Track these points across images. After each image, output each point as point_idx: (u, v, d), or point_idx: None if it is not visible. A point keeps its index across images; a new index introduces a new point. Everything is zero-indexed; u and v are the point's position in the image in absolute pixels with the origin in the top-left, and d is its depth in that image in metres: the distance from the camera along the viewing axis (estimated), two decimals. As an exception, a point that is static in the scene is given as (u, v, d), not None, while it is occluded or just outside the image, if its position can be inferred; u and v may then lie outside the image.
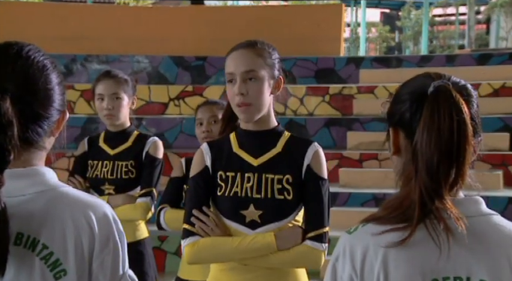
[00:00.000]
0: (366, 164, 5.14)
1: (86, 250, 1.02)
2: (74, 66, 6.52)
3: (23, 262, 0.99)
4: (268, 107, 1.69)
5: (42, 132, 1.04)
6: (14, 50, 1.03)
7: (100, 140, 2.56)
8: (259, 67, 1.68)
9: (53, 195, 1.03)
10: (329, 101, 6.01)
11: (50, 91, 1.04)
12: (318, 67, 6.56)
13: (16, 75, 1.01)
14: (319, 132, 5.66)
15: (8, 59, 1.02)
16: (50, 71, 1.05)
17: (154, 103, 6.11)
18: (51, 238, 1.00)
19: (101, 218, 1.04)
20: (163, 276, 4.10)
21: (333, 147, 5.54)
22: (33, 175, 1.03)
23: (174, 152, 5.18)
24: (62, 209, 1.02)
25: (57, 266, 1.00)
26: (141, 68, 6.65)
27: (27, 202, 1.00)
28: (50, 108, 1.04)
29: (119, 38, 6.69)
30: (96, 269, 1.03)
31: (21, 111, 0.99)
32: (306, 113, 5.99)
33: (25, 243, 0.99)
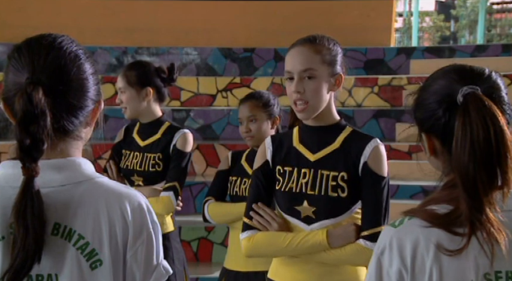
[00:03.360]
0: (415, 156, 5.04)
1: (120, 240, 1.03)
2: (125, 59, 6.64)
3: (60, 251, 1.00)
4: (327, 103, 1.68)
5: (77, 123, 1.05)
6: (47, 41, 1.04)
7: (134, 131, 2.56)
8: (316, 65, 1.65)
9: (89, 185, 1.04)
10: (378, 92, 5.91)
11: (83, 81, 1.04)
12: (367, 58, 6.45)
13: (48, 65, 1.02)
14: (367, 124, 5.58)
15: (41, 50, 1.03)
16: (83, 61, 1.05)
17: (202, 95, 6.15)
18: (87, 228, 1.01)
19: (135, 209, 1.04)
20: (210, 266, 4.14)
21: (381, 139, 5.41)
22: (69, 166, 1.04)
23: (221, 144, 5.21)
24: (97, 199, 1.03)
25: (93, 256, 1.01)
26: (190, 60, 6.71)
27: (64, 192, 1.02)
28: (84, 98, 1.04)
29: (168, 30, 6.77)
30: (130, 259, 1.03)
31: (54, 102, 1.00)
32: (354, 105, 5.91)
33: (62, 233, 1.01)
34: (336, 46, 1.72)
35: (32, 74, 1.00)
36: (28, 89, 0.98)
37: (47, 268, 1.00)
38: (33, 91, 0.98)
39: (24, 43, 1.04)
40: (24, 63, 1.02)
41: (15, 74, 1.02)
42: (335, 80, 1.68)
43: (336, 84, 1.69)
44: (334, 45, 1.72)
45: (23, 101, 0.98)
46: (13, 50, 1.04)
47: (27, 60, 1.02)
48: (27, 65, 1.01)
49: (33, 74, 1.00)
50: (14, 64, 1.03)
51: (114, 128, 4.71)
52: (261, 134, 2.39)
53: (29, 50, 1.03)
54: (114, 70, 6.42)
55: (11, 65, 1.03)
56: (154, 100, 2.51)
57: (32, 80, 1.00)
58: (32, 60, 1.01)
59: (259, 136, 2.38)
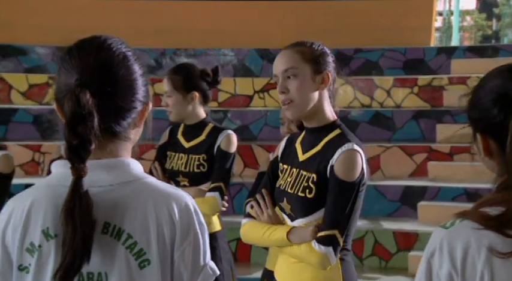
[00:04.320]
0: (457, 157, 4.93)
1: (167, 240, 1.03)
2: (164, 60, 6.71)
3: (110, 250, 1.02)
4: (316, 103, 1.67)
5: (126, 124, 1.06)
6: (97, 43, 1.05)
7: (179, 132, 2.58)
8: (297, 63, 1.67)
9: (138, 186, 1.05)
10: (418, 93, 5.81)
11: (131, 82, 1.05)
12: (407, 58, 6.35)
13: (97, 67, 1.03)
14: (407, 124, 5.49)
15: (90, 52, 1.04)
16: (132, 62, 1.06)
17: (239, 96, 6.17)
18: (135, 228, 1.02)
19: (182, 209, 1.05)
20: (249, 267, 4.14)
21: (422, 140, 5.36)
22: (118, 166, 1.05)
23: (259, 145, 5.21)
24: (145, 199, 1.04)
25: (141, 256, 1.02)
26: (227, 61, 6.74)
27: (113, 192, 1.03)
28: (132, 99, 1.05)
29: (206, 31, 6.81)
30: (178, 259, 1.04)
31: (102, 103, 1.01)
32: (393, 105, 5.83)
33: (111, 232, 1.02)
34: (321, 46, 1.72)
35: (80, 76, 1.02)
36: (76, 91, 1.00)
37: (98, 266, 1.01)
38: (81, 93, 0.99)
39: (75, 45, 1.06)
40: (74, 64, 1.03)
41: (66, 75, 1.04)
42: (321, 78, 1.68)
43: (323, 82, 1.68)
44: (320, 46, 1.72)
45: (71, 102, 0.99)
46: (65, 51, 1.07)
47: (77, 62, 1.03)
48: (77, 66, 1.03)
49: (82, 76, 1.02)
50: (65, 66, 1.04)
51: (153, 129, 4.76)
52: None
53: (79, 51, 1.05)
54: (153, 72, 6.50)
55: (62, 66, 1.05)
56: (199, 103, 2.53)
57: (80, 81, 1.01)
58: (81, 61, 1.03)
59: None
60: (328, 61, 1.71)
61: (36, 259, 1.02)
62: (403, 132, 5.45)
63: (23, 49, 6.23)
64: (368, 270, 4.21)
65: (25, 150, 5.00)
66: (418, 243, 4.16)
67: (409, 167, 5.03)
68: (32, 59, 6.25)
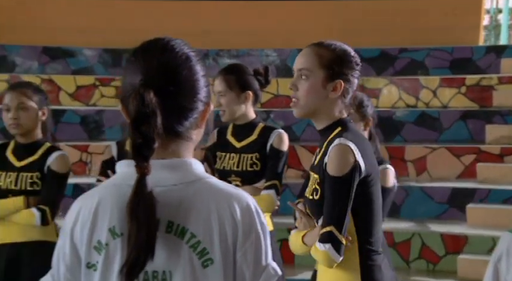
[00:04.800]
0: (507, 159, 4.79)
1: (230, 240, 1.04)
2: (207, 61, 6.76)
3: (174, 249, 1.03)
4: (323, 107, 1.68)
5: (188, 124, 1.07)
6: (160, 44, 1.07)
7: (228, 133, 2.60)
8: (312, 66, 1.67)
9: (200, 185, 1.06)
10: (465, 93, 5.67)
11: (194, 83, 1.06)
12: (454, 57, 6.21)
13: (161, 67, 1.05)
14: (454, 125, 5.37)
15: (154, 52, 1.06)
16: (194, 63, 1.08)
17: (282, 96, 6.15)
18: (198, 228, 1.03)
19: (244, 209, 1.05)
20: (293, 268, 4.12)
21: (470, 141, 5.23)
22: (181, 166, 1.06)
23: (302, 145, 5.19)
24: (208, 199, 1.04)
25: (204, 255, 1.03)
26: (270, 61, 6.73)
27: (176, 192, 1.04)
28: (194, 99, 1.06)
29: (248, 32, 6.82)
30: (240, 259, 1.04)
31: (165, 103, 1.03)
32: (439, 106, 5.71)
33: (175, 231, 1.03)
34: (343, 52, 1.70)
35: (144, 76, 1.04)
36: (140, 90, 1.02)
37: (162, 264, 1.02)
38: (145, 92, 1.01)
39: (140, 47, 1.09)
40: (139, 65, 1.05)
41: (131, 76, 1.06)
42: (333, 86, 1.67)
43: (334, 90, 1.67)
44: (342, 51, 1.70)
45: (136, 101, 1.01)
46: (130, 53, 1.09)
47: (141, 63, 1.05)
48: (141, 67, 1.05)
49: (146, 76, 1.04)
50: (130, 67, 1.07)
51: None
52: None
53: (143, 53, 1.07)
54: (197, 72, 6.54)
55: (127, 67, 1.08)
56: (251, 103, 2.55)
57: (144, 81, 1.03)
58: (145, 62, 1.05)
59: None
60: (345, 70, 1.69)
61: (103, 257, 1.04)
62: (450, 133, 5.33)
63: (70, 51, 6.37)
64: (415, 273, 4.13)
65: (73, 150, 5.11)
66: (467, 246, 4.06)
67: (457, 168, 4.92)
68: (79, 61, 6.39)
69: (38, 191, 2.42)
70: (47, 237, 2.43)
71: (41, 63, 6.26)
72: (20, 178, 2.41)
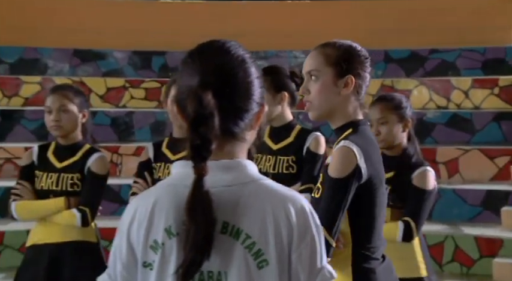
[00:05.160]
0: (543, 162, 4.70)
1: (285, 241, 1.04)
2: (235, 63, 6.77)
3: (229, 249, 1.03)
4: (337, 105, 1.67)
5: (243, 125, 1.08)
6: (217, 46, 1.09)
7: (264, 134, 2.59)
8: (320, 66, 1.68)
9: (255, 187, 1.06)
10: (498, 94, 5.57)
11: (249, 84, 1.08)
12: (486, 58, 6.11)
13: (217, 69, 1.06)
14: (487, 126, 5.28)
15: (211, 54, 1.08)
16: (250, 65, 1.09)
17: (310, 98, 6.13)
18: (253, 229, 1.03)
19: (298, 211, 1.05)
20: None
21: (503, 142, 5.14)
22: (236, 167, 1.07)
23: (330, 147, 5.14)
24: (263, 201, 1.05)
25: (259, 256, 1.03)
26: (298, 63, 6.71)
27: (231, 192, 1.05)
28: (249, 101, 1.08)
29: (276, 33, 6.81)
30: (295, 261, 1.04)
31: (222, 104, 1.04)
32: (471, 107, 5.62)
33: (230, 232, 1.03)
34: (349, 48, 1.69)
35: (202, 77, 1.05)
36: (198, 92, 1.03)
37: (217, 265, 1.03)
38: (203, 93, 1.03)
39: (196, 49, 1.10)
40: (196, 67, 1.07)
41: (188, 77, 1.07)
42: (344, 82, 1.66)
43: (346, 86, 1.67)
44: (348, 48, 1.69)
45: (194, 103, 1.02)
46: (186, 55, 1.11)
47: (198, 65, 1.07)
48: (198, 69, 1.06)
49: (203, 77, 1.05)
50: (187, 68, 1.08)
51: None
52: (391, 137, 2.34)
53: (200, 54, 1.08)
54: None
55: (184, 69, 1.09)
56: (287, 104, 2.53)
57: (202, 83, 1.04)
58: (202, 64, 1.07)
59: (389, 139, 2.34)
60: (354, 65, 1.68)
61: (159, 256, 1.05)
62: (483, 134, 5.25)
63: (101, 54, 6.44)
64: (448, 277, 4.07)
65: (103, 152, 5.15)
66: (503, 249, 3.99)
67: (490, 170, 4.83)
68: (109, 63, 6.45)
69: (78, 192, 2.45)
70: (87, 237, 2.46)
71: (72, 65, 6.34)
72: (61, 178, 2.45)
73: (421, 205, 2.26)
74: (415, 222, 2.22)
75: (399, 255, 2.22)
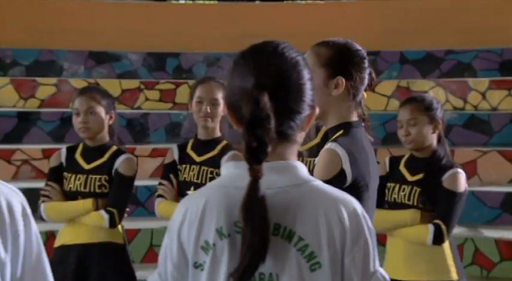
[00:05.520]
0: None
1: (338, 244, 1.03)
2: (249, 65, 6.77)
3: (281, 252, 1.02)
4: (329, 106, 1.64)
5: (295, 127, 1.08)
6: (270, 48, 1.09)
7: None
8: (312, 66, 1.60)
9: (306, 189, 1.06)
10: (516, 95, 5.54)
11: (302, 86, 1.08)
12: (503, 58, 6.06)
13: (272, 71, 1.06)
14: (505, 128, 5.23)
15: (265, 56, 1.08)
16: (302, 67, 1.09)
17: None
18: (306, 231, 1.03)
19: (351, 214, 1.04)
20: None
21: (521, 144, 5.10)
22: (288, 168, 1.06)
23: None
24: (315, 203, 1.04)
25: (312, 258, 1.02)
26: (313, 64, 6.69)
27: (283, 194, 1.04)
28: (301, 103, 1.08)
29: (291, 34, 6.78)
30: (348, 264, 1.03)
31: (277, 106, 1.03)
32: (488, 108, 5.58)
33: (282, 234, 1.03)
34: (342, 48, 1.66)
35: (257, 79, 1.05)
36: (254, 93, 1.03)
37: (269, 267, 1.02)
38: (260, 95, 1.02)
39: (249, 50, 1.10)
40: (250, 68, 1.07)
41: (241, 78, 1.07)
42: (334, 83, 1.64)
43: (336, 87, 1.64)
44: (341, 48, 1.67)
45: (251, 105, 1.02)
46: (238, 55, 1.10)
47: (252, 66, 1.07)
48: (253, 70, 1.06)
49: (259, 79, 1.05)
50: (240, 70, 1.08)
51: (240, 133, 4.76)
52: (421, 137, 2.33)
53: (254, 56, 1.08)
54: (239, 76, 6.54)
55: (236, 70, 1.09)
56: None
57: (257, 84, 1.04)
58: (256, 66, 1.07)
59: (419, 140, 2.32)
60: (346, 65, 1.65)
61: (210, 257, 1.04)
62: (501, 136, 5.20)
63: (115, 55, 6.45)
64: (469, 279, 4.02)
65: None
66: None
67: (509, 172, 4.79)
68: (123, 65, 6.46)
69: (106, 193, 2.46)
70: (114, 239, 2.46)
71: (87, 67, 6.36)
72: (89, 180, 2.45)
73: (452, 207, 2.24)
74: (446, 225, 2.20)
75: (429, 258, 2.20)
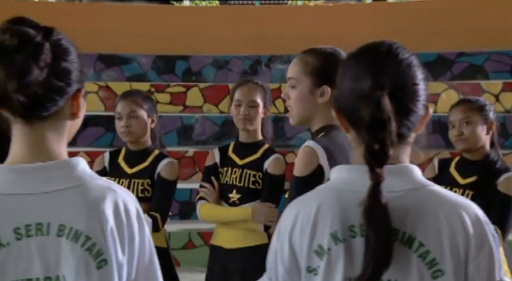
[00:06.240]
0: None
1: (461, 251, 0.99)
2: (258, 67, 6.73)
3: (401, 258, 0.99)
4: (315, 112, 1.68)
5: (411, 127, 1.05)
6: (384, 49, 1.06)
7: None
8: (298, 75, 1.69)
9: (424, 193, 1.02)
10: (530, 97, 5.54)
11: (417, 86, 1.05)
12: (515, 61, 6.08)
13: (389, 71, 1.03)
14: (520, 130, 5.24)
15: (380, 57, 1.05)
16: (416, 67, 1.06)
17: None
18: (427, 236, 0.99)
19: (474, 220, 1.01)
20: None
21: (538, 147, 5.10)
22: (405, 172, 1.03)
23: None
24: (435, 207, 1.01)
25: (434, 265, 0.99)
26: (323, 67, 6.68)
27: (401, 198, 1.00)
28: (417, 103, 1.05)
29: (299, 37, 6.77)
30: (472, 273, 1.00)
31: (395, 107, 1.01)
32: (502, 111, 5.57)
33: (401, 239, 0.99)
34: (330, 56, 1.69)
35: (375, 80, 1.02)
36: (374, 95, 1.00)
37: (389, 274, 0.99)
38: (381, 97, 1.00)
39: (360, 51, 1.08)
40: (365, 69, 1.04)
41: (355, 81, 1.04)
42: (320, 92, 1.68)
43: (321, 95, 1.68)
44: (328, 56, 1.69)
45: (372, 107, 0.99)
46: (348, 57, 1.08)
47: (368, 67, 1.04)
48: (369, 71, 1.03)
49: (377, 80, 1.02)
50: (352, 71, 1.05)
51: None
52: (474, 138, 2.30)
53: (368, 57, 1.05)
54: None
55: (347, 72, 1.06)
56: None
57: (376, 86, 1.01)
58: (372, 66, 1.04)
59: (472, 140, 2.30)
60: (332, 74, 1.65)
61: (325, 262, 1.01)
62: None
63: (125, 58, 6.41)
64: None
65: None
66: None
67: (527, 174, 4.78)
68: (133, 68, 6.42)
69: (148, 197, 2.40)
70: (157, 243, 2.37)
71: (96, 70, 6.31)
72: (132, 184, 2.40)
73: (508, 211, 2.21)
74: (501, 229, 2.17)
75: None
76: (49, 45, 1.03)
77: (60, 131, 1.08)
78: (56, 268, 1.00)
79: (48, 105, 1.04)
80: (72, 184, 1.04)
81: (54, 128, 1.07)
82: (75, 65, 1.07)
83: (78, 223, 1.02)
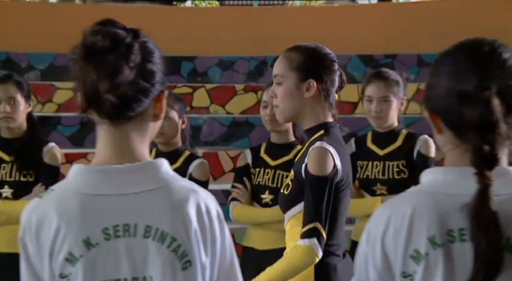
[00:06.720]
0: None
1: None
2: (264, 68, 6.73)
3: (508, 264, 0.96)
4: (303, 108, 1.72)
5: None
6: (487, 47, 1.04)
7: (368, 141, 2.58)
8: (283, 72, 1.73)
9: None
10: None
11: None
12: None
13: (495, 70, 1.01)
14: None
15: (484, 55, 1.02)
16: None
17: (343, 102, 6.09)
18: None
19: None
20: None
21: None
22: (506, 174, 1.01)
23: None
24: None
25: None
26: (328, 67, 6.68)
27: (505, 203, 0.98)
28: None
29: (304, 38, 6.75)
30: None
31: (504, 107, 0.99)
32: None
33: (506, 244, 0.97)
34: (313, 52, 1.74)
35: (482, 80, 0.99)
36: (483, 96, 0.98)
37: None
38: (490, 97, 0.98)
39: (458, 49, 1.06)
40: (468, 69, 1.01)
41: (454, 80, 1.01)
42: (306, 86, 1.71)
43: (307, 90, 1.71)
44: (311, 52, 1.74)
45: (479, 108, 0.97)
46: (442, 56, 1.06)
47: (471, 66, 1.01)
48: (473, 71, 1.01)
49: (484, 80, 0.99)
50: (450, 70, 1.03)
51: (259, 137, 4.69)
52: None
53: (470, 56, 1.03)
54: (254, 80, 6.52)
55: (443, 71, 1.04)
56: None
57: (484, 85, 0.99)
58: (477, 66, 1.01)
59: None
60: (316, 69, 1.72)
61: (423, 267, 0.99)
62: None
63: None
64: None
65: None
66: None
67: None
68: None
69: None
70: None
71: (102, 71, 6.28)
72: None
73: None
74: None
75: None
76: (138, 46, 1.02)
77: (144, 132, 1.08)
78: (143, 269, 1.00)
79: (134, 105, 1.04)
80: (157, 185, 1.04)
81: (138, 129, 1.07)
82: (159, 66, 1.07)
83: (163, 224, 1.02)
